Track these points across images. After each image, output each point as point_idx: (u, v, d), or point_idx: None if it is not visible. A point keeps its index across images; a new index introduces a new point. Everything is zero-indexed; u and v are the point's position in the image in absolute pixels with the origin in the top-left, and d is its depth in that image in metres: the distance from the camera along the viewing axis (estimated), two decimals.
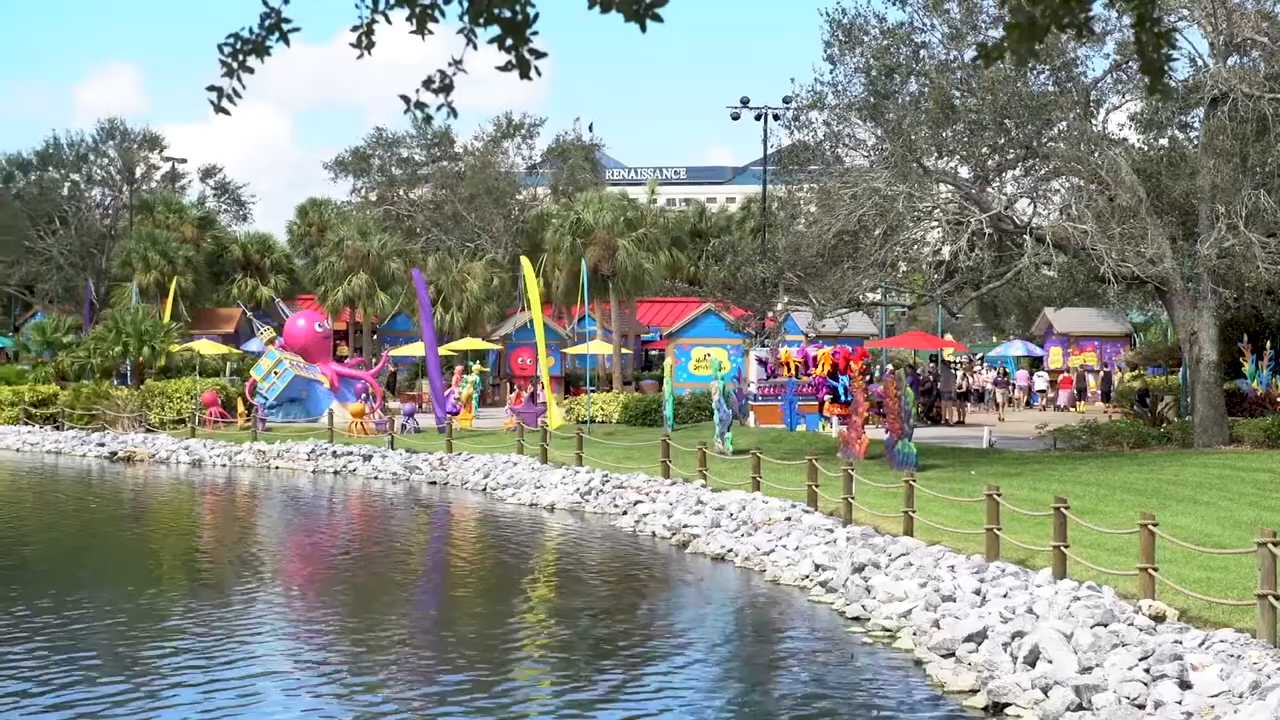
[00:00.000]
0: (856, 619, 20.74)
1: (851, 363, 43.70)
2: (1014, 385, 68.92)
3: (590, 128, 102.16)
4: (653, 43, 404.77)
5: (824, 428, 45.74)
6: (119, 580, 26.28)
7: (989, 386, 65.92)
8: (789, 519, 28.21)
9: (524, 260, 56.47)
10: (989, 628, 17.55)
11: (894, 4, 36.54)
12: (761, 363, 51.65)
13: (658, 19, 6.41)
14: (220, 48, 6.79)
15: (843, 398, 43.54)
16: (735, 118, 60.11)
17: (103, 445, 53.81)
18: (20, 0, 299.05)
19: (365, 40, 6.80)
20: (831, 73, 37.39)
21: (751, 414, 48.19)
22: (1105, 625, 16.58)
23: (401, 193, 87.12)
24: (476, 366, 59.35)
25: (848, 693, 16.82)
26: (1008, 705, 15.48)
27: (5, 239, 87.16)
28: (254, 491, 42.41)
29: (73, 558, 29.60)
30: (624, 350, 71.58)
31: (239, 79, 6.84)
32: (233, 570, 27.16)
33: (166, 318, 69.47)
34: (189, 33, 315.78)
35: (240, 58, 6.82)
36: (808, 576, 23.85)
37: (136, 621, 21.21)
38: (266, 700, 16.54)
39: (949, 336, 79.98)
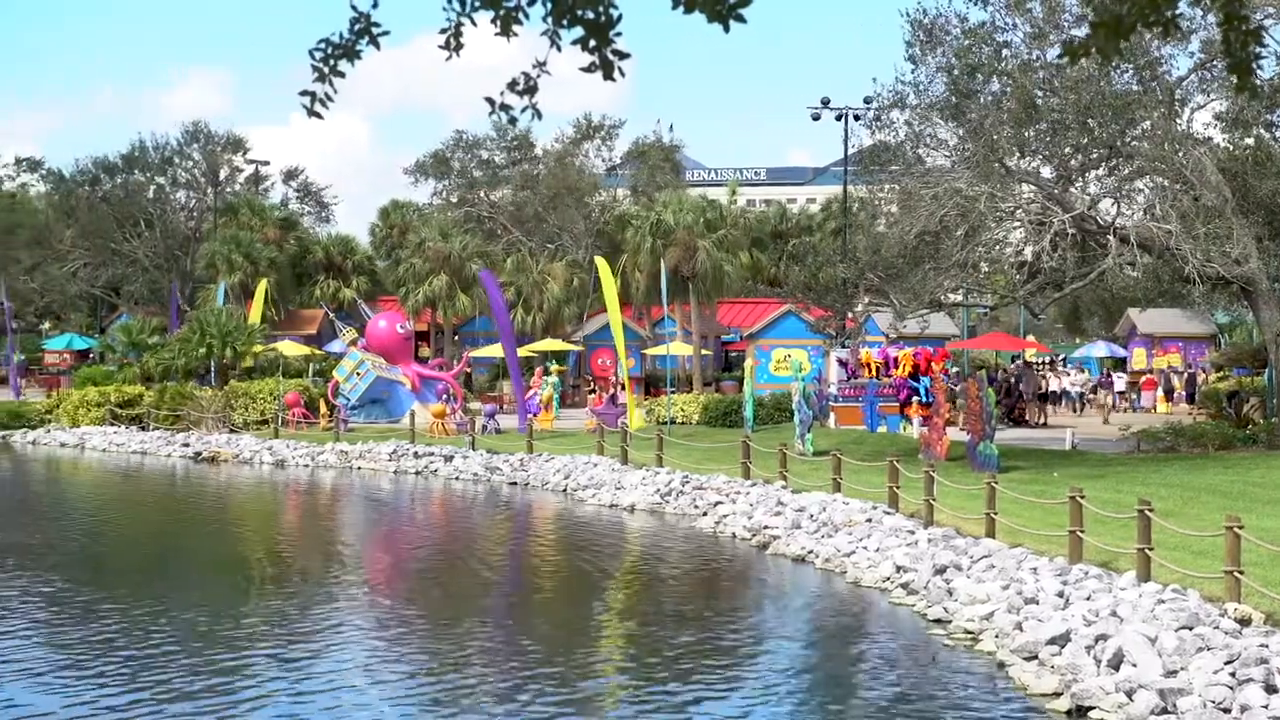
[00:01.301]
0: (938, 621, 20.65)
1: (933, 364, 43.53)
2: (1106, 388, 68.16)
3: (670, 129, 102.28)
4: (733, 43, 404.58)
5: (905, 429, 45.54)
6: (204, 580, 26.55)
7: (1071, 389, 65.33)
8: (870, 520, 28.12)
9: (600, 261, 56.49)
10: (1072, 630, 17.43)
11: (975, 3, 36.37)
12: (842, 364, 51.48)
13: (741, 19, 6.42)
14: (312, 53, 6.86)
15: (924, 399, 43.36)
16: (816, 118, 59.92)
17: (187, 445, 54.24)
18: (108, 5, 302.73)
19: (453, 42, 6.84)
20: (913, 72, 37.31)
21: (832, 415, 48.06)
22: (1190, 628, 16.44)
23: (482, 194, 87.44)
24: (555, 368, 59.49)
25: (930, 695, 16.75)
26: (1091, 709, 15.37)
27: None
28: (336, 492, 42.68)
29: (159, 557, 29.95)
30: (704, 351, 71.59)
31: (330, 83, 6.91)
32: (316, 570, 27.36)
33: (255, 319, 69.97)
34: (271, 36, 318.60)
35: (331, 62, 6.88)
36: (889, 578, 23.78)
37: (220, 621, 21.41)
38: (347, 701, 16.66)
39: (1031, 337, 79.48)
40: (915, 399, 44.31)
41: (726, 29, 6.45)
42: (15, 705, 16.16)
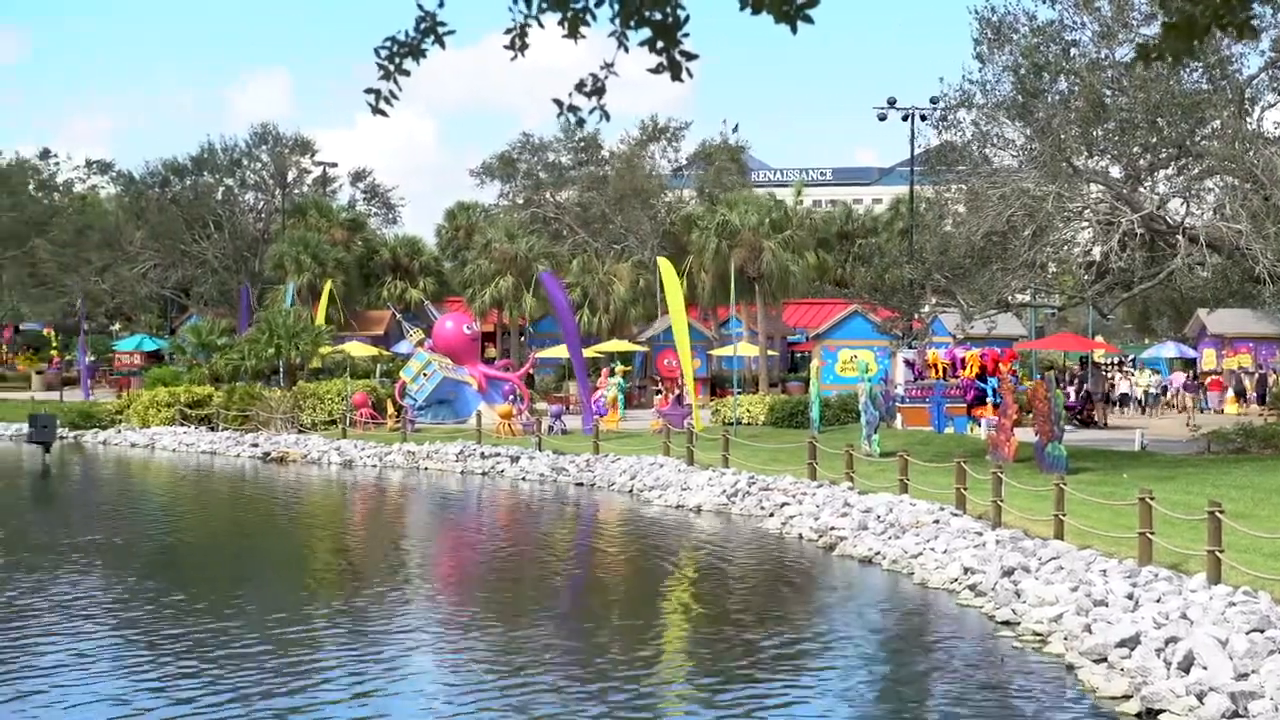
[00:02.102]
0: (1006, 623, 20.58)
1: (1000, 364, 43.34)
2: (1192, 391, 67.47)
3: (735, 129, 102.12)
4: (799, 44, 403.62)
5: (972, 430, 45.36)
6: (277, 579, 26.78)
7: (1133, 390, 64.85)
8: (937, 522, 28.04)
9: (663, 262, 56.47)
10: (1142, 633, 17.33)
11: (1044, 2, 36.32)
12: (909, 364, 51.31)
13: (809, 20, 6.42)
14: (377, 51, 6.92)
15: (991, 400, 43.17)
16: (882, 118, 59.75)
17: (256, 446, 54.56)
18: (177, 10, 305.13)
19: (519, 43, 6.88)
20: (980, 71, 37.19)
21: (898, 416, 47.91)
22: (1261, 631, 16.32)
23: (548, 196, 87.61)
24: (620, 368, 59.49)
25: (998, 698, 16.70)
26: (1161, 712, 15.29)
27: None
28: (404, 492, 42.86)
29: (234, 557, 30.16)
30: (770, 352, 71.47)
31: (395, 81, 6.96)
32: (386, 571, 27.49)
33: (320, 319, 70.34)
34: (336, 38, 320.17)
35: (396, 61, 6.94)
36: (956, 580, 23.71)
37: (292, 621, 21.54)
38: (418, 701, 16.77)
39: (1100, 338, 78.87)
40: (984, 400, 44.10)
41: (794, 29, 6.45)
42: (102, 700, 16.38)
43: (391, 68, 6.94)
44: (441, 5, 6.89)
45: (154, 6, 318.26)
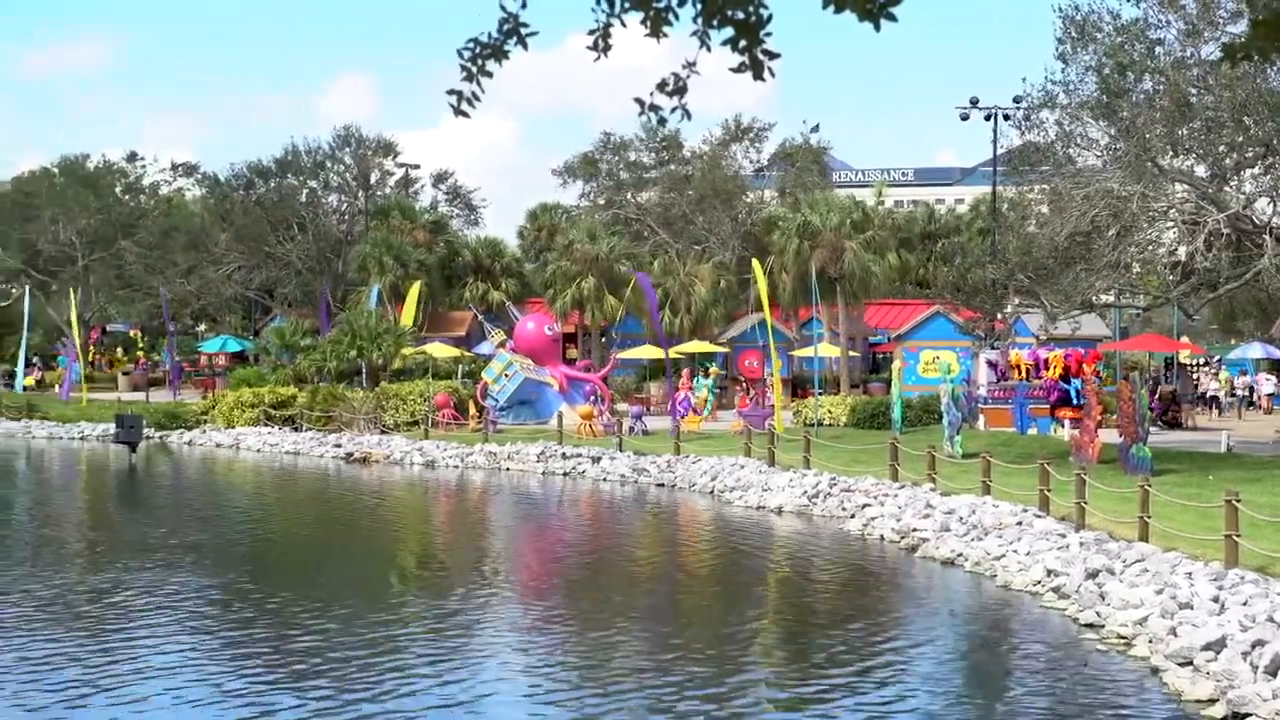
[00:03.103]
0: (1090, 626, 20.47)
1: (1084, 365, 43.03)
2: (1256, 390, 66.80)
3: (816, 129, 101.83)
4: (881, 43, 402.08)
5: (1055, 431, 45.06)
6: (363, 579, 26.95)
7: (1215, 391, 64.23)
8: (1020, 523, 27.90)
9: (755, 264, 56.43)
10: (1228, 636, 17.19)
11: (1128, 0, 35.96)
12: (991, 365, 51.05)
13: (892, 18, 6.39)
14: (460, 52, 6.94)
15: (1075, 401, 42.88)
16: (964, 118, 59.51)
17: (339, 446, 54.90)
18: (263, 13, 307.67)
19: (601, 43, 6.90)
20: (1063, 71, 36.92)
21: (981, 417, 47.68)
22: None
23: (629, 196, 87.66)
24: (714, 369, 59.46)
25: (1083, 701, 16.62)
26: (1247, 716, 15.18)
27: None
28: (486, 493, 43.05)
29: (321, 558, 30.40)
30: (851, 353, 71.25)
31: (478, 83, 6.99)
32: (469, 570, 27.66)
33: (407, 321, 70.71)
34: (419, 41, 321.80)
35: (479, 62, 6.96)
36: (1040, 582, 23.59)
37: (379, 622, 21.72)
38: (501, 702, 16.89)
39: (1185, 339, 78.08)
40: (1068, 401, 43.79)
41: (877, 28, 6.43)
42: (193, 702, 16.60)
43: (474, 69, 6.96)
44: (524, 6, 6.92)
45: (240, 10, 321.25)
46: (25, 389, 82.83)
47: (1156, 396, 52.68)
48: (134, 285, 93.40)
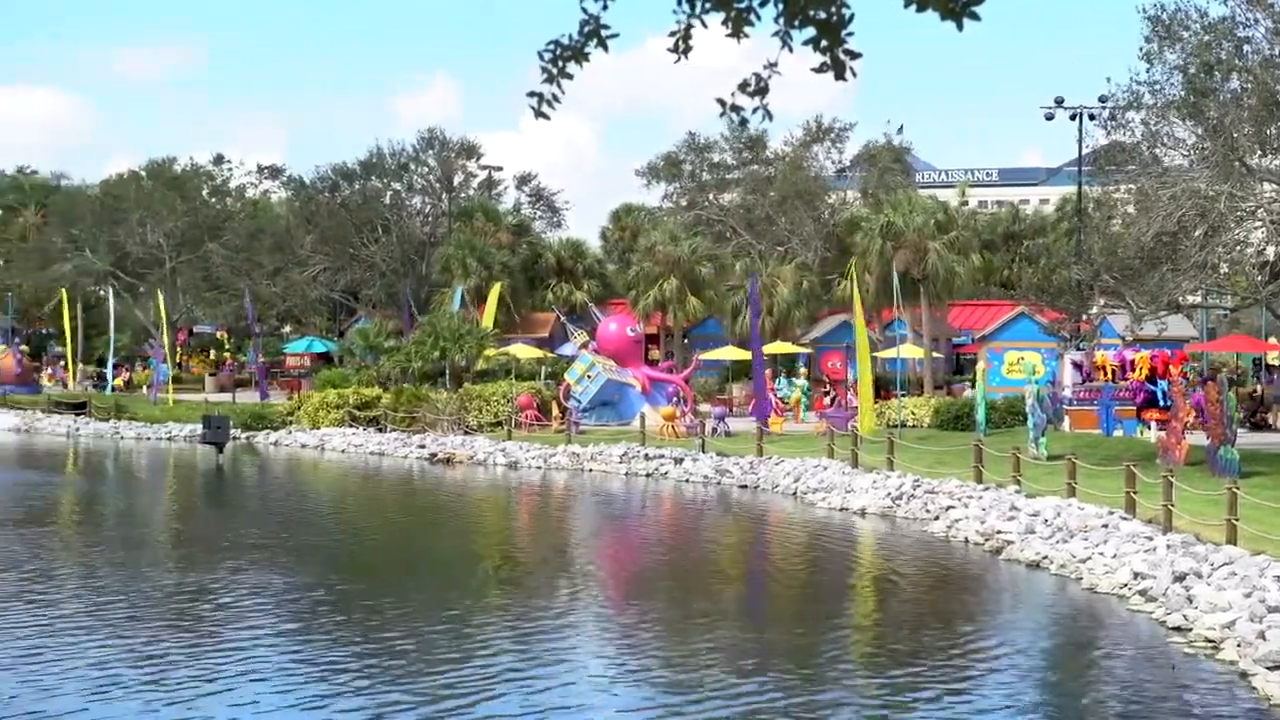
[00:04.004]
0: (1177, 629, 20.34)
1: (1171, 366, 42.67)
2: None
3: (900, 130, 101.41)
4: (963, 42, 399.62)
5: (1141, 433, 44.68)
6: (449, 580, 27.17)
7: None
8: (1106, 526, 27.72)
9: (851, 265, 56.25)
10: None
11: None
12: (1077, 366, 50.65)
13: (975, 17, 6.38)
14: (541, 54, 6.99)
15: (1161, 402, 42.52)
16: (1049, 118, 59.10)
17: (423, 447, 55.18)
18: (347, 17, 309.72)
19: (682, 45, 6.93)
20: (1149, 71, 36.64)
21: (1066, 419, 47.34)
22: None
23: (711, 197, 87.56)
24: (803, 371, 59.29)
25: (1170, 704, 16.52)
26: None
27: None
28: (570, 494, 43.19)
29: (408, 558, 30.59)
30: (935, 354, 70.90)
31: (558, 84, 7.04)
32: (554, 572, 27.83)
33: (488, 322, 71.00)
34: (501, 43, 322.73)
35: (560, 64, 7.01)
36: (1126, 585, 23.45)
37: (466, 622, 21.90)
38: (579, 700, 16.97)
39: (1274, 340, 77.23)
40: (1155, 403, 43.43)
41: (960, 27, 6.42)
42: (278, 705, 16.81)
43: (555, 70, 7.01)
44: (605, 8, 6.95)
45: (324, 15, 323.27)
46: (114, 390, 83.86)
47: (1249, 397, 52.13)
48: (220, 287, 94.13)
